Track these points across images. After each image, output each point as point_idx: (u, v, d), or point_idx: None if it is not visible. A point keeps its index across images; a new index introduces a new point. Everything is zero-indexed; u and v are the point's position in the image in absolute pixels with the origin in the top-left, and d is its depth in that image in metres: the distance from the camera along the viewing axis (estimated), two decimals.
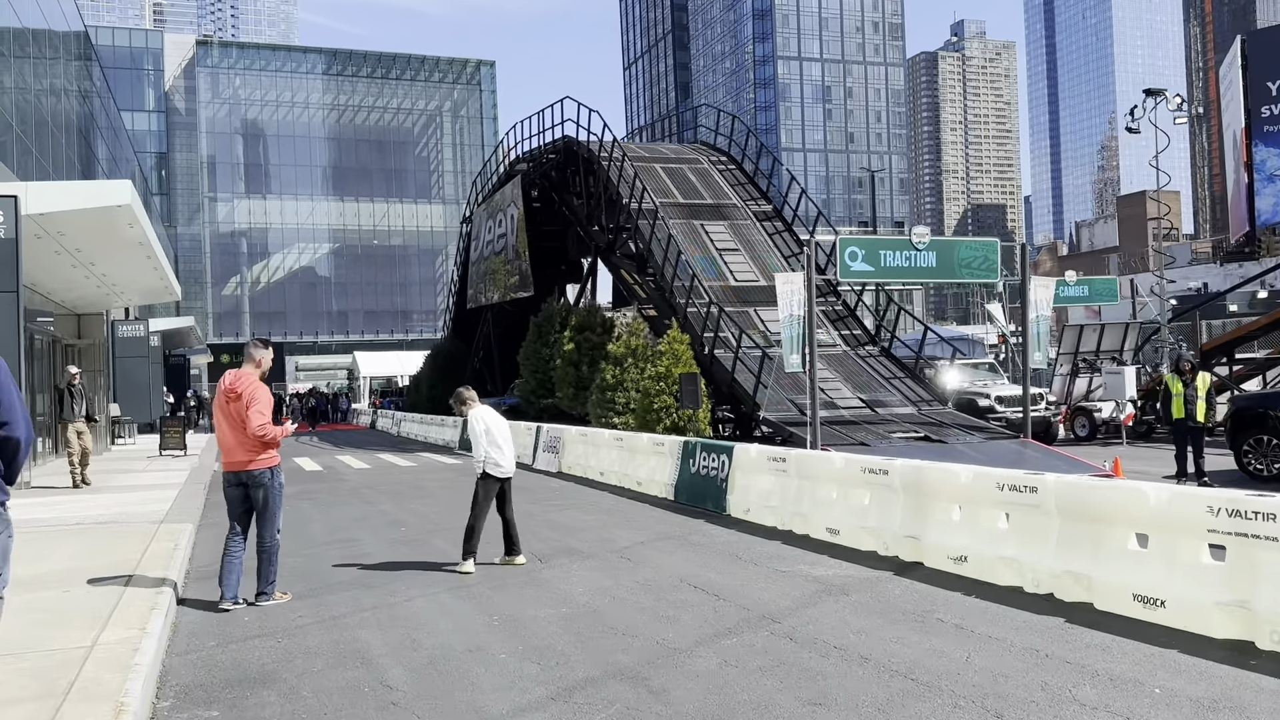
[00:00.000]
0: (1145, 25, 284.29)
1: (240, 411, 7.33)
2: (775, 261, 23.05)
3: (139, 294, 27.92)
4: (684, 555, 9.25)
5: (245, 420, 7.30)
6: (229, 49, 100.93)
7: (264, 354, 7.71)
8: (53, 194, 14.48)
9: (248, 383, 7.44)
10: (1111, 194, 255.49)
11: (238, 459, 7.46)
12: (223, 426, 7.51)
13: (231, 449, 7.49)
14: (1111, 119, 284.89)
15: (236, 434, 7.39)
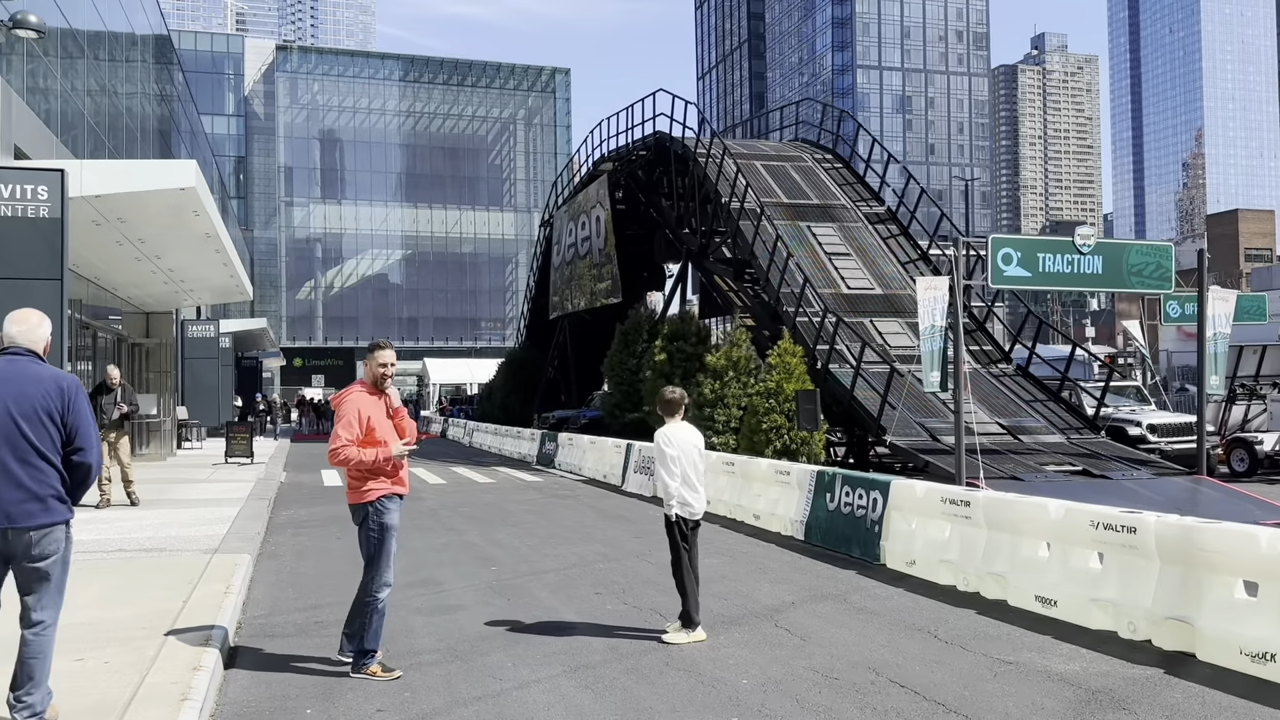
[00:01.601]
0: (1236, 39, 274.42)
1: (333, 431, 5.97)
2: (892, 268, 20.91)
3: (210, 292, 26.72)
4: (857, 627, 7.24)
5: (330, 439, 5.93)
6: (308, 54, 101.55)
7: (374, 355, 6.06)
8: (110, 173, 13.01)
9: (342, 395, 5.94)
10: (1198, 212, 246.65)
11: (347, 489, 6.10)
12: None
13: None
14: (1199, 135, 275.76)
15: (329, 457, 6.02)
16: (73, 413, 4.53)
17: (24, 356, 4.58)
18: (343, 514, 14.66)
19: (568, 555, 10.49)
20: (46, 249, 10.37)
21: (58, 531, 4.54)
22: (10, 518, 4.41)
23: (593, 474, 20.23)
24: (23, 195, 10.33)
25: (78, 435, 4.52)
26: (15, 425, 4.43)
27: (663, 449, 7.01)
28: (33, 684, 4.50)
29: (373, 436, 5.80)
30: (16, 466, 4.43)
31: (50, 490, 4.49)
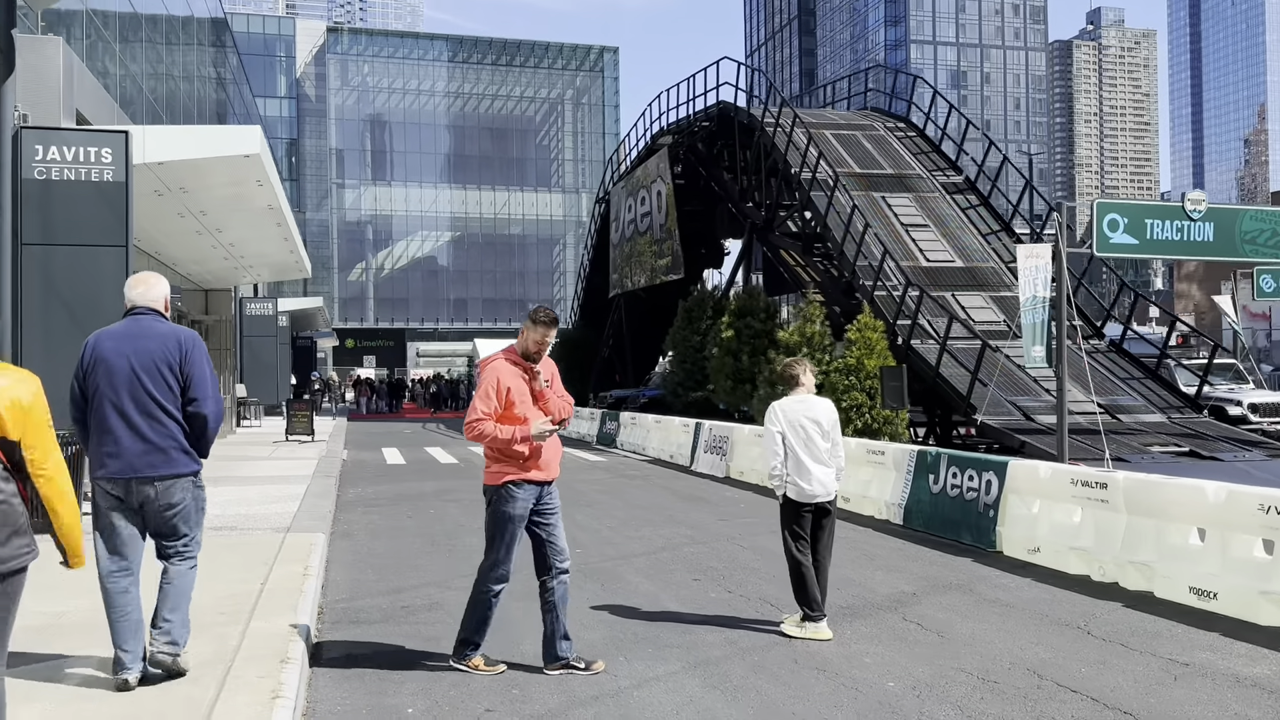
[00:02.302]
0: None
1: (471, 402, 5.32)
2: (972, 240, 19.99)
3: (268, 269, 26.50)
4: (994, 621, 6.55)
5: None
6: (358, 36, 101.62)
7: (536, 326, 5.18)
8: (173, 139, 12.60)
9: (484, 362, 5.32)
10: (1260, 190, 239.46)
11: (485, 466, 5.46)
12: None
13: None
14: (1261, 111, 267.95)
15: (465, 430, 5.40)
16: (190, 363, 4.64)
17: (147, 315, 4.76)
18: (411, 492, 14.29)
19: (652, 538, 9.89)
20: (111, 214, 9.94)
21: (183, 483, 4.67)
22: (134, 469, 4.56)
23: (658, 454, 19.63)
24: (86, 158, 9.91)
25: (192, 385, 4.63)
26: (137, 379, 4.57)
27: (767, 425, 6.36)
28: (172, 619, 4.64)
29: (511, 412, 5.12)
30: (140, 419, 4.57)
31: (172, 442, 4.62)
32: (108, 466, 4.59)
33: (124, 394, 4.57)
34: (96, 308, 9.91)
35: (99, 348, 4.67)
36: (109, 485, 4.60)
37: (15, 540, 3.27)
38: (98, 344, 4.69)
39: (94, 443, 4.66)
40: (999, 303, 18.37)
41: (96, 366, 4.62)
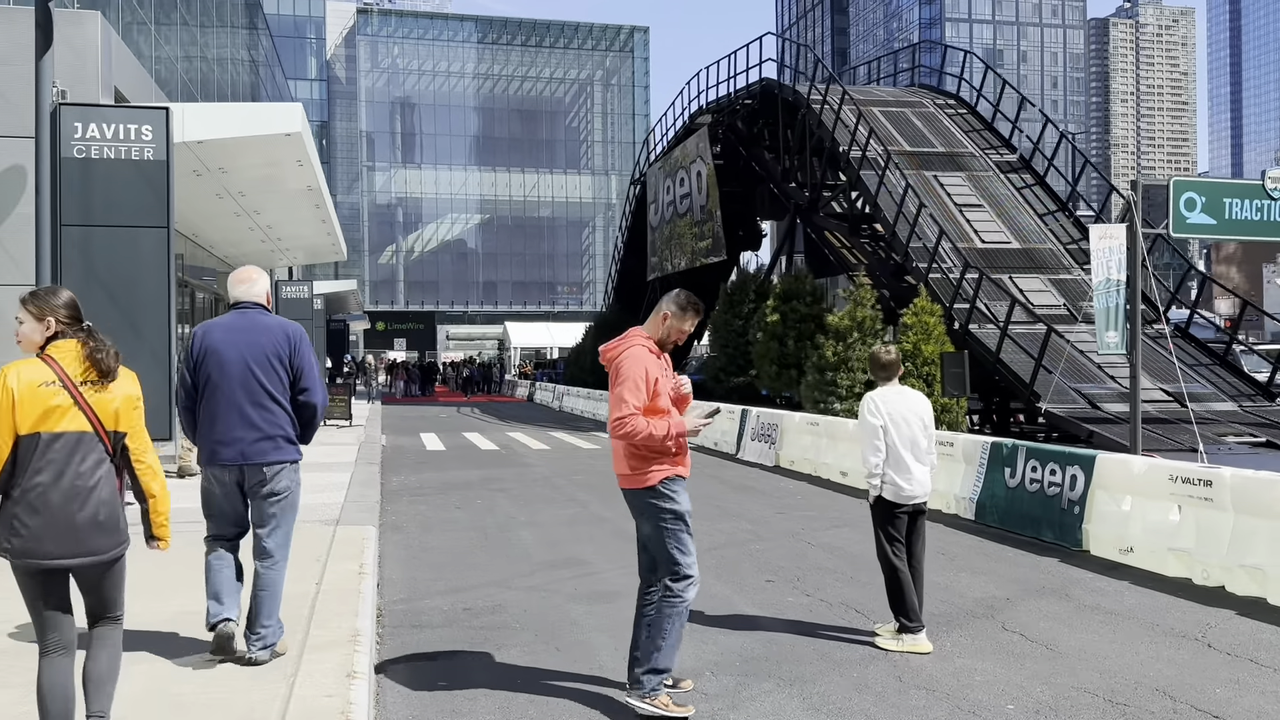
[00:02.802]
0: None
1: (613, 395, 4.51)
2: (1029, 220, 19.32)
3: (303, 252, 26.26)
4: (1103, 632, 6.05)
5: (610, 407, 4.54)
6: (388, 17, 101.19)
7: (685, 314, 4.64)
8: (213, 117, 12.24)
9: (621, 348, 4.57)
10: None
11: (618, 469, 4.65)
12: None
13: (614, 452, 4.66)
14: None
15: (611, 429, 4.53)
16: (299, 355, 4.84)
17: (253, 309, 4.93)
18: (457, 481, 13.93)
19: (713, 533, 9.45)
20: (151, 194, 9.57)
21: (288, 470, 4.88)
22: (245, 455, 4.75)
23: (700, 440, 19.17)
24: (125, 135, 9.54)
25: (303, 376, 4.83)
26: (249, 370, 4.76)
27: (866, 418, 5.85)
28: (264, 615, 4.77)
29: (657, 404, 4.52)
30: (251, 409, 4.76)
31: (280, 431, 4.82)
32: (219, 454, 4.78)
33: (236, 385, 4.76)
34: (136, 290, 9.59)
35: (209, 339, 4.82)
36: (220, 471, 4.80)
37: (119, 531, 3.46)
38: (207, 335, 4.84)
39: (204, 430, 4.82)
40: (1058, 286, 17.73)
41: (207, 358, 4.79)
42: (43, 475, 3.29)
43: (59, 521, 3.29)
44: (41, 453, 3.29)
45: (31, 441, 3.29)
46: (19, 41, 10.74)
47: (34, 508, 3.26)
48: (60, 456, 3.31)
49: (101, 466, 3.40)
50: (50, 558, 3.29)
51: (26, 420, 3.29)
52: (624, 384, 4.42)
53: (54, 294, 3.56)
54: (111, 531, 3.41)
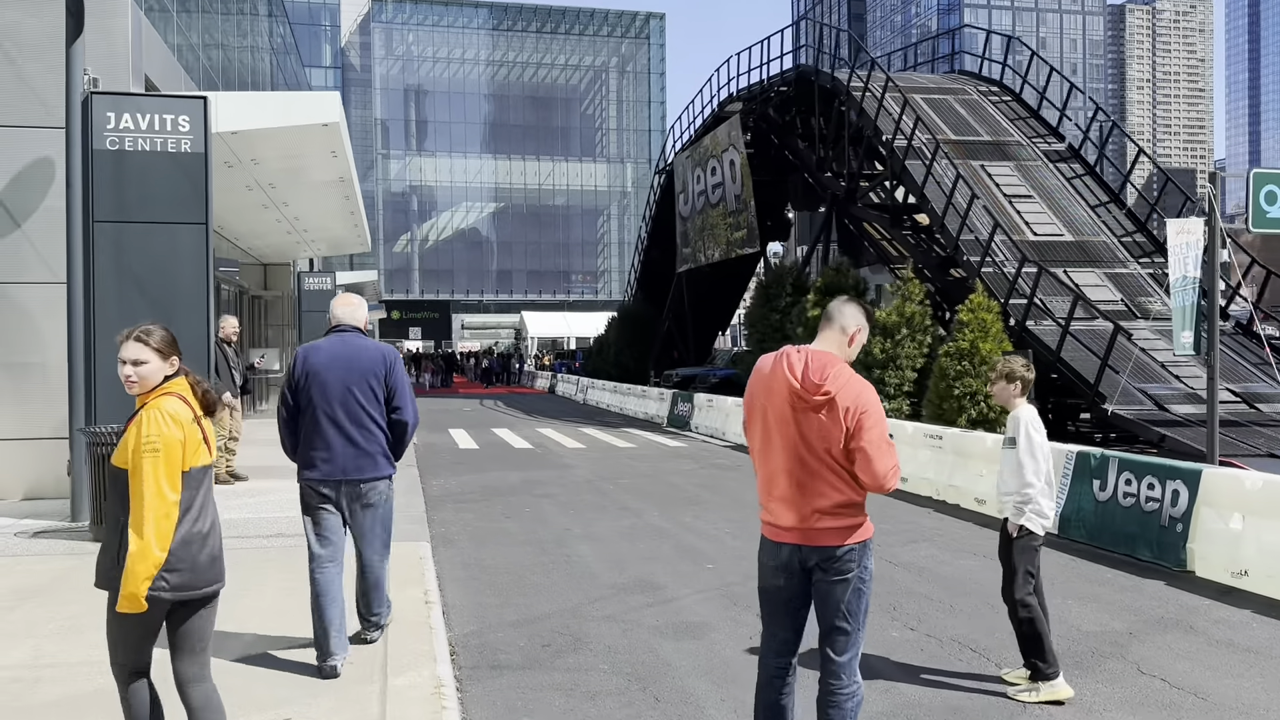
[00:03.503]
0: None
1: (832, 430, 3.53)
2: (1081, 212, 18.66)
3: (327, 243, 25.74)
4: (1251, 676, 5.50)
5: (856, 451, 3.50)
6: (402, 4, 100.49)
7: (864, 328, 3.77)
8: (247, 107, 11.71)
9: (843, 377, 3.60)
10: None
11: (802, 520, 3.61)
12: (776, 447, 3.65)
13: (792, 496, 3.63)
14: None
15: (813, 470, 3.58)
16: (393, 376, 5.17)
17: (351, 333, 5.24)
18: (498, 484, 13.40)
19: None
20: (189, 188, 9.05)
21: (383, 484, 5.23)
22: (345, 471, 5.08)
23: (739, 439, 18.62)
24: (161, 127, 9.01)
25: (396, 395, 5.17)
26: (350, 392, 5.08)
27: (1033, 435, 5.26)
28: (374, 604, 5.32)
29: None
30: (352, 428, 5.07)
31: (377, 447, 5.15)
32: (319, 469, 5.09)
33: (336, 405, 5.06)
34: (173, 290, 9.09)
35: (310, 362, 5.12)
36: (321, 485, 5.10)
37: (219, 563, 3.50)
38: (308, 358, 5.14)
39: (304, 446, 5.13)
40: (1114, 280, 17.10)
41: (310, 380, 5.09)
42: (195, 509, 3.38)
43: (209, 549, 3.42)
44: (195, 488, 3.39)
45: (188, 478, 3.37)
46: (46, 30, 10.23)
47: (188, 541, 3.33)
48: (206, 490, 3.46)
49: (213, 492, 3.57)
50: (199, 587, 3.38)
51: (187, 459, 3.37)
52: (879, 424, 3.54)
53: (164, 332, 3.51)
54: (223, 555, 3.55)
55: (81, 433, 8.68)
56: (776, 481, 3.65)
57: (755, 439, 3.75)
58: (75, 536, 8.54)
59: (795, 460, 3.59)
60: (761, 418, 3.68)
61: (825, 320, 3.77)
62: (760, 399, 3.70)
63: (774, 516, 3.69)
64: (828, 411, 3.52)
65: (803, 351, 3.66)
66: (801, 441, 3.57)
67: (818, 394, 3.51)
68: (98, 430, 8.33)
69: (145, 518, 3.22)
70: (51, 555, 7.87)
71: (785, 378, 3.60)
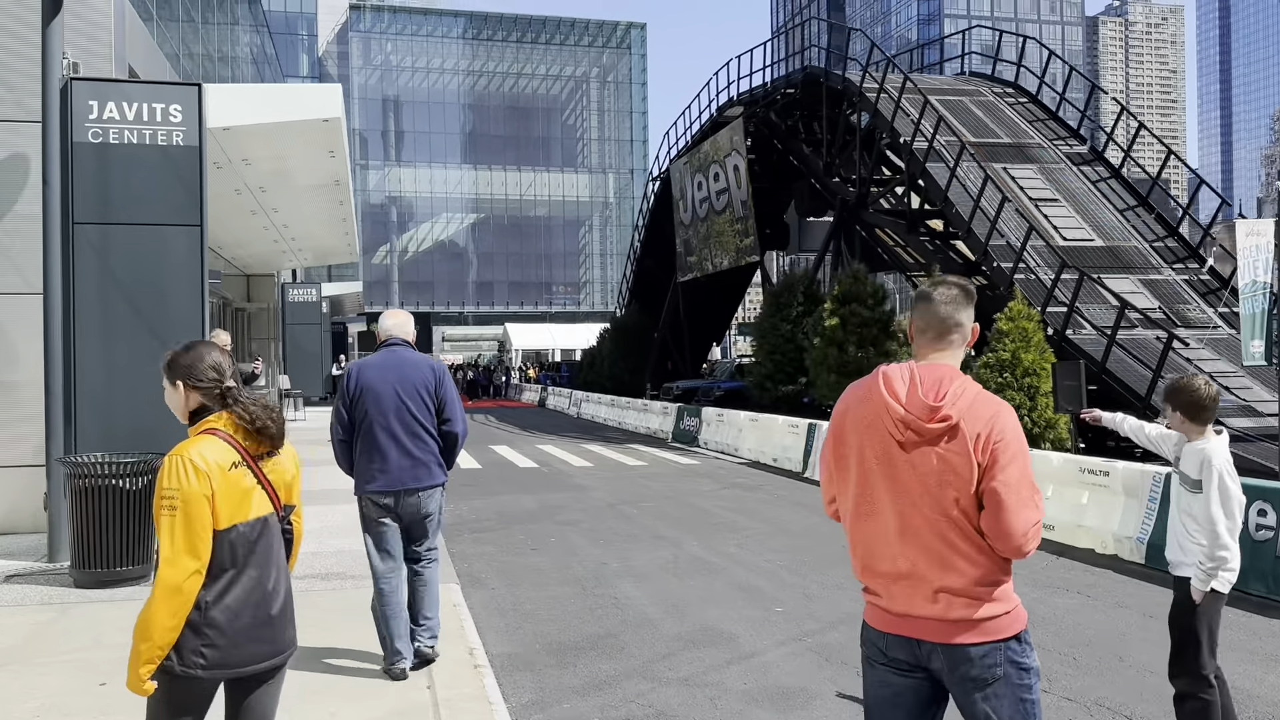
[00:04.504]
0: None
1: (959, 469, 2.54)
2: (1109, 216, 17.92)
3: (314, 253, 24.68)
4: None
5: (985, 494, 2.52)
6: (381, 13, 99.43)
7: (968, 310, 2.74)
8: (240, 100, 10.72)
9: (968, 395, 2.62)
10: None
11: (923, 605, 2.60)
12: (880, 500, 2.65)
13: (907, 570, 2.61)
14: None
15: (936, 531, 2.56)
16: (443, 389, 5.29)
17: (401, 346, 5.37)
18: (513, 510, 12.40)
19: (853, 589, 7.94)
20: (181, 186, 8.05)
21: (437, 492, 5.35)
22: (402, 481, 5.18)
23: (755, 456, 17.71)
24: (150, 117, 8.02)
25: (446, 407, 5.28)
26: (404, 404, 5.18)
27: (1226, 482, 4.28)
28: (427, 608, 5.35)
29: None
30: (407, 439, 5.17)
31: (431, 457, 5.27)
32: (377, 480, 5.19)
33: (392, 417, 5.17)
34: (164, 300, 8.09)
35: (363, 377, 5.24)
36: (380, 497, 5.21)
37: (284, 633, 2.94)
38: (361, 374, 5.26)
39: (362, 460, 5.23)
40: (1150, 287, 16.35)
41: (364, 395, 5.20)
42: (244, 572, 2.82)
43: (259, 618, 2.85)
44: (241, 547, 2.82)
45: (225, 536, 2.80)
46: (17, 13, 9.21)
47: (233, 609, 2.79)
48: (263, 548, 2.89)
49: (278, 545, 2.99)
50: (249, 663, 2.82)
51: (223, 514, 2.78)
52: (1019, 458, 2.54)
53: (171, 353, 2.96)
54: (293, 621, 2.99)
55: (60, 462, 7.63)
56: (882, 548, 2.63)
57: (848, 492, 2.71)
58: (53, 581, 7.48)
59: (908, 518, 2.57)
60: (858, 462, 2.66)
61: (928, 316, 2.71)
62: (855, 436, 2.67)
63: (883, 597, 2.67)
64: (949, 443, 2.53)
65: (906, 367, 2.69)
66: (917, 490, 2.56)
67: (933, 419, 2.54)
68: (79, 460, 7.30)
69: (155, 588, 2.67)
70: (24, 605, 6.81)
71: (885, 403, 2.61)
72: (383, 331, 5.43)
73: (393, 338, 5.38)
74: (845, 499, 2.73)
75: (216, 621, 2.75)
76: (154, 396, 7.74)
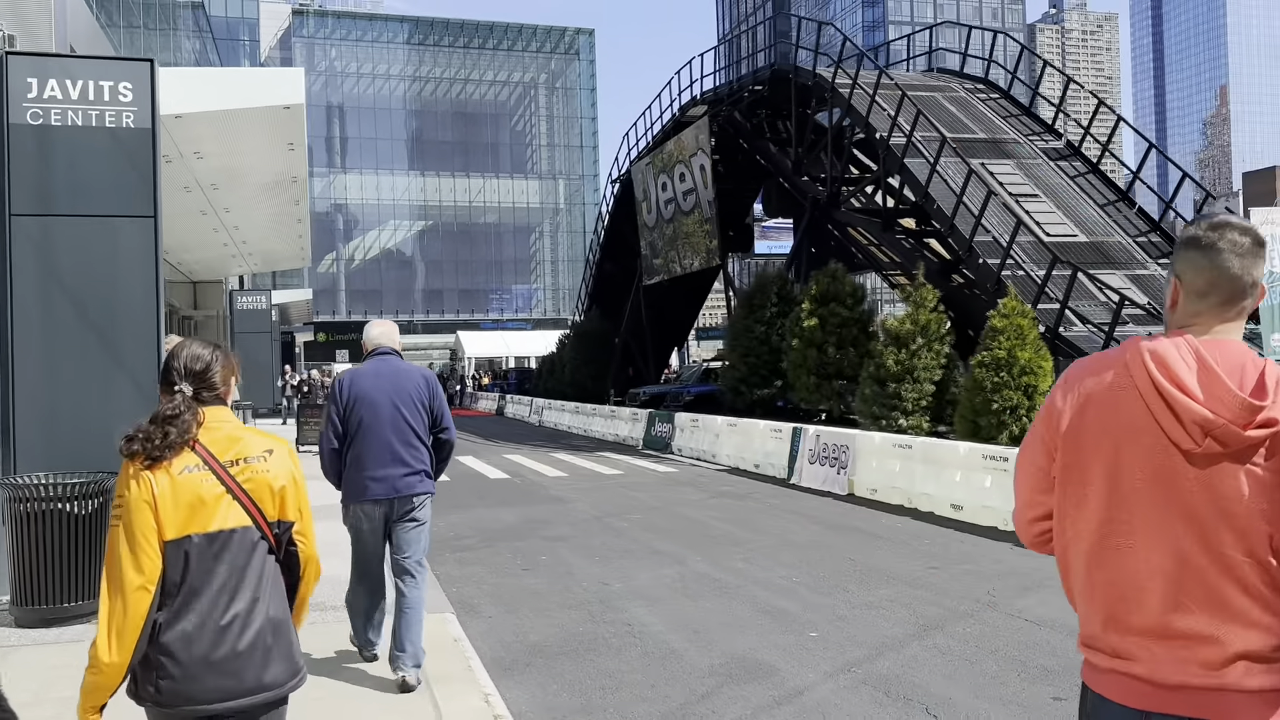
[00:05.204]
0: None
1: (1274, 496, 1.81)
2: (1090, 211, 17.62)
3: (263, 257, 23.64)
4: None
5: None
6: (324, 19, 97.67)
7: (1259, 263, 1.99)
8: (193, 84, 9.83)
9: None
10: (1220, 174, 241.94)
11: (1203, 672, 1.85)
12: (1140, 528, 1.90)
13: (1181, 625, 1.86)
14: (1222, 92, 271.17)
15: (1230, 573, 1.83)
16: (436, 399, 5.34)
17: (391, 355, 5.42)
18: (494, 525, 11.47)
19: (887, 608, 7.31)
20: (133, 173, 7.19)
21: (428, 500, 5.37)
22: (397, 489, 5.18)
23: (734, 463, 17.10)
24: (97, 96, 7.15)
25: (441, 418, 5.36)
26: (399, 413, 5.19)
27: None
28: (412, 633, 5.11)
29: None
30: (401, 448, 5.18)
31: (424, 466, 5.28)
32: (372, 489, 5.12)
33: (388, 427, 5.11)
34: (114, 301, 7.23)
35: (356, 386, 5.17)
36: (372, 507, 5.16)
37: (293, 656, 2.58)
38: (354, 383, 5.19)
39: (354, 470, 5.14)
40: (1138, 282, 16.02)
41: (358, 404, 5.13)
42: (200, 591, 2.49)
43: (223, 646, 2.49)
44: (200, 562, 2.50)
45: (178, 548, 2.49)
46: None
47: (188, 635, 2.46)
48: (227, 565, 2.53)
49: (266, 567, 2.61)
50: (218, 699, 2.47)
51: (170, 522, 2.47)
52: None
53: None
54: (284, 657, 2.58)
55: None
56: (1144, 596, 1.91)
57: (1086, 515, 1.97)
58: None
59: (1190, 557, 1.87)
60: (1108, 476, 1.93)
61: (1214, 273, 1.93)
62: (1105, 439, 1.93)
63: (1141, 662, 1.92)
64: (1268, 458, 1.83)
65: (1185, 344, 1.92)
66: (1211, 520, 1.85)
67: (1253, 424, 1.82)
68: (19, 482, 6.42)
69: (100, 611, 2.43)
70: None
71: (1169, 396, 1.87)
72: (370, 341, 5.41)
73: (381, 347, 5.37)
74: (1079, 523, 2.00)
75: (169, 647, 2.45)
76: (104, 408, 6.87)
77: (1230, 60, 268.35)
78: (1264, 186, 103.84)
